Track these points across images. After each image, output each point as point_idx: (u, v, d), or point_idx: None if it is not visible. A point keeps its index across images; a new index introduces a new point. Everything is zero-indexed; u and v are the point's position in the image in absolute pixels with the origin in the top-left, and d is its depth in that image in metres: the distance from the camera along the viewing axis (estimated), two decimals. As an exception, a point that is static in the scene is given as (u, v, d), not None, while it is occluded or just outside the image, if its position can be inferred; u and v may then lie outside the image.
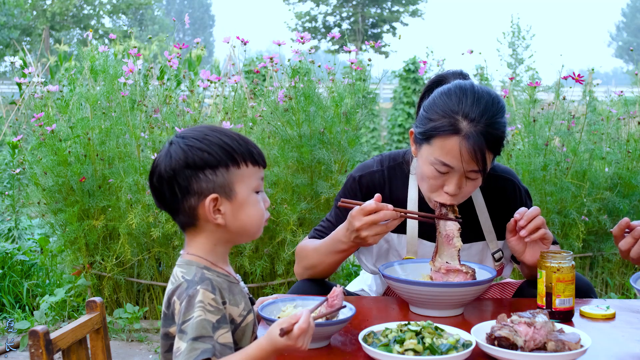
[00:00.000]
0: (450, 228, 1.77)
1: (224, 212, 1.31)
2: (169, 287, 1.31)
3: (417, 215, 1.79)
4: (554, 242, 2.01)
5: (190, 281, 1.27)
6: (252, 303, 1.41)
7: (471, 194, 1.82)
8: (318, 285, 1.88)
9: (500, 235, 1.93)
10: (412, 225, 1.91)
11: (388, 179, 1.95)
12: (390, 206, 1.66)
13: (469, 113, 1.68)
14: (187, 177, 1.29)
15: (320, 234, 1.98)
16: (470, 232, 1.93)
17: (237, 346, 1.29)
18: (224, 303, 1.28)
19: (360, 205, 1.68)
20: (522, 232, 1.74)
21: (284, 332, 1.20)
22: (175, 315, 1.26)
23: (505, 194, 1.96)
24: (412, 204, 1.91)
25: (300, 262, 1.91)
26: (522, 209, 1.75)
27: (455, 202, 1.78)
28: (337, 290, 1.38)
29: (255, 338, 1.36)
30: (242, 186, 1.32)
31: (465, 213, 1.91)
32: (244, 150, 1.33)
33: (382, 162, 1.98)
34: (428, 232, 1.89)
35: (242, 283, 1.40)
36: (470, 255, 1.95)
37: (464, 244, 1.89)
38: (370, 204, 1.65)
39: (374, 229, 1.67)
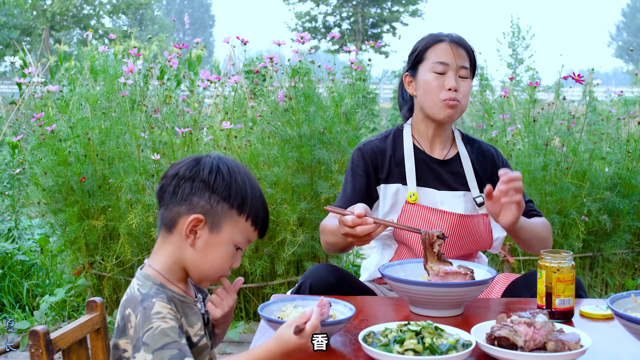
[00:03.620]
0: (436, 242, 1.78)
1: (198, 236, 1.33)
2: (124, 297, 1.32)
3: (400, 226, 1.82)
4: (538, 214, 2.16)
5: (146, 294, 1.29)
6: (207, 323, 1.42)
7: (466, 97, 2.10)
8: (331, 272, 1.93)
9: (481, 186, 2.16)
10: (411, 177, 2.11)
11: (389, 143, 2.19)
12: (370, 219, 1.71)
13: (444, 33, 2.15)
14: (195, 188, 1.32)
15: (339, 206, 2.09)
16: (463, 182, 2.15)
17: None
18: (180, 317, 1.30)
19: (343, 213, 1.74)
20: (501, 186, 1.76)
21: (299, 330, 1.21)
22: (129, 327, 1.27)
23: (488, 154, 2.23)
24: (409, 150, 2.15)
25: (322, 236, 2.08)
26: (507, 169, 1.79)
27: (458, 99, 2.06)
28: (324, 300, 1.40)
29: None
30: (229, 230, 1.34)
31: (457, 165, 2.17)
32: (255, 208, 1.35)
33: (382, 134, 2.26)
34: (425, 179, 2.13)
35: (199, 304, 1.41)
36: (467, 202, 2.12)
37: (461, 191, 2.13)
38: (347, 220, 1.71)
39: (356, 238, 1.73)
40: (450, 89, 2.06)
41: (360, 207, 1.72)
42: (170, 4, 55.44)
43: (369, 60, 3.98)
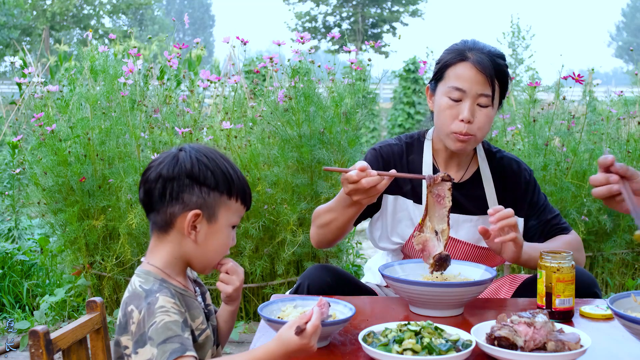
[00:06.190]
0: (441, 187, 1.77)
1: (199, 230, 1.35)
2: (126, 294, 1.33)
3: (402, 175, 1.80)
4: (564, 230, 2.05)
5: (149, 290, 1.29)
6: (207, 318, 1.43)
7: (483, 129, 1.91)
8: (328, 272, 1.92)
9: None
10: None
11: (405, 150, 2.09)
12: (373, 172, 1.68)
13: (473, 47, 1.92)
14: (184, 185, 1.33)
15: None
16: (480, 206, 2.03)
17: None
18: (184, 311, 1.31)
19: (344, 171, 1.70)
20: (492, 226, 1.73)
21: (301, 331, 1.22)
22: (131, 324, 1.27)
23: (510, 170, 2.08)
24: (427, 166, 2.04)
25: (314, 223, 1.97)
26: (498, 207, 1.76)
27: (471, 133, 1.89)
28: (323, 300, 1.40)
29: (213, 356, 1.40)
30: (224, 215, 1.37)
31: (474, 187, 2.04)
32: (240, 187, 1.39)
33: (400, 138, 2.14)
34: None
35: (199, 298, 1.42)
36: (476, 227, 1.99)
37: (476, 215, 2.01)
38: (352, 175, 1.67)
39: (363, 194, 1.70)
40: (463, 121, 1.89)
41: (360, 163, 1.69)
42: (170, 4, 55.43)
43: (369, 60, 3.97)
